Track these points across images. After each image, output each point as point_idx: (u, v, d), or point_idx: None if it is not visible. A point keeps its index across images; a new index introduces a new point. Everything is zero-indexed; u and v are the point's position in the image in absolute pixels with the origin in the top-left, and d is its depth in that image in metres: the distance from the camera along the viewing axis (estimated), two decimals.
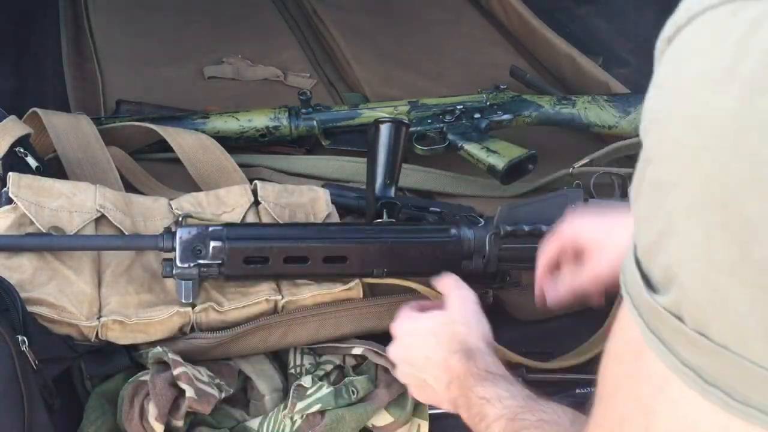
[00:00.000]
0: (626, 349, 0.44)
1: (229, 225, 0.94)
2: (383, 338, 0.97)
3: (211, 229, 0.91)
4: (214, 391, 0.86)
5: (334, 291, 0.97)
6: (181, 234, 0.90)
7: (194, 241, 0.90)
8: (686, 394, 0.39)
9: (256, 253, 0.91)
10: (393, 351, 0.86)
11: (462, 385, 0.79)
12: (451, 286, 0.88)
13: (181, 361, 0.86)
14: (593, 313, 1.11)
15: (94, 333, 0.88)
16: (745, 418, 0.37)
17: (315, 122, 1.33)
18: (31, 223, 0.92)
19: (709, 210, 0.36)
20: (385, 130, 1.00)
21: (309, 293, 0.96)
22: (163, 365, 0.87)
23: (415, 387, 0.85)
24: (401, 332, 0.86)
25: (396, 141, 1.01)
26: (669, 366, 0.39)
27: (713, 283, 0.36)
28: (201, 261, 0.90)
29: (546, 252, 0.91)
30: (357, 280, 0.98)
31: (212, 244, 0.89)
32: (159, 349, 0.87)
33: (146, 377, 0.85)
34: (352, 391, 0.90)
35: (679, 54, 0.38)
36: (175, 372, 0.84)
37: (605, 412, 0.48)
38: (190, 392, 0.83)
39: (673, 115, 0.38)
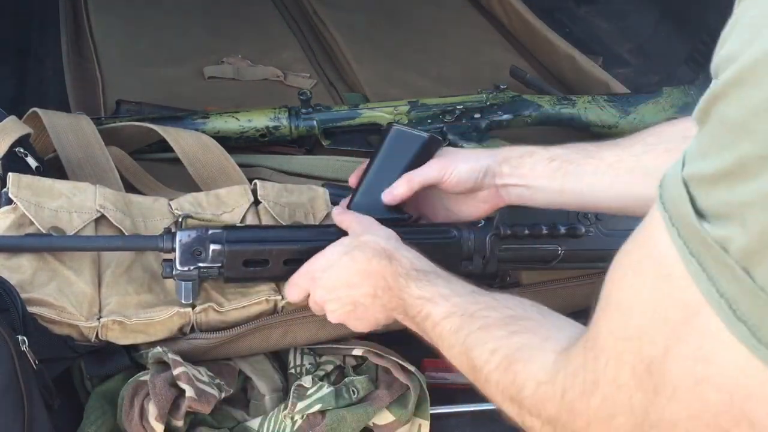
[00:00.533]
0: (650, 262, 0.45)
1: (228, 227, 0.94)
2: (384, 338, 0.97)
3: (210, 232, 0.90)
4: (214, 391, 0.86)
5: None
6: (181, 237, 0.90)
7: (194, 244, 0.90)
8: (714, 326, 0.40)
9: (256, 255, 0.91)
10: (316, 296, 0.86)
11: (390, 287, 0.78)
12: (348, 218, 0.89)
13: (181, 361, 0.86)
14: (593, 313, 1.11)
15: (94, 333, 0.88)
16: (763, 359, 0.39)
17: (315, 122, 1.33)
18: (31, 223, 0.92)
19: None
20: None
21: None
22: (163, 365, 0.87)
23: (349, 317, 0.85)
24: (315, 275, 0.85)
25: (426, 154, 0.99)
26: (704, 293, 0.40)
27: None
28: (201, 264, 0.90)
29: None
30: None
31: (212, 247, 0.89)
32: (159, 349, 0.87)
33: (146, 377, 0.85)
34: (353, 391, 0.90)
35: None
36: (175, 372, 0.84)
37: (622, 321, 0.48)
38: (190, 392, 0.83)
39: (756, 57, 0.38)
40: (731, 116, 0.39)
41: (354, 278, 0.82)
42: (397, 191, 0.94)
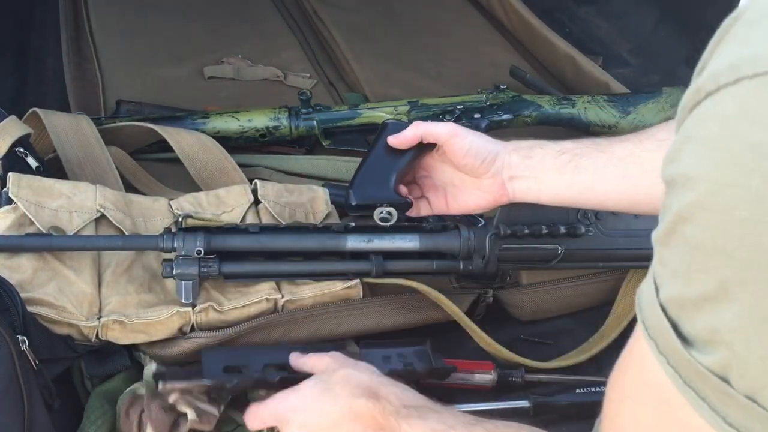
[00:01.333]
0: (648, 392, 0.43)
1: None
2: (383, 338, 0.97)
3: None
4: (214, 410, 0.84)
5: (334, 290, 0.97)
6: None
7: None
8: None
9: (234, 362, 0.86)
10: None
11: (383, 427, 0.74)
12: (311, 359, 0.81)
13: (174, 385, 0.82)
14: (593, 313, 1.11)
15: (95, 333, 0.88)
16: None
17: (315, 122, 1.33)
18: (31, 223, 0.92)
19: None
20: None
21: (309, 292, 0.96)
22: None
23: None
24: (287, 415, 0.77)
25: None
26: (711, 423, 0.38)
27: None
28: None
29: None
30: (357, 280, 0.98)
31: None
32: (153, 367, 0.86)
33: (142, 391, 0.84)
34: None
35: (725, 115, 0.36)
36: (171, 400, 0.82)
37: None
38: (191, 415, 0.81)
39: (722, 182, 0.36)
40: (705, 241, 0.37)
41: (340, 420, 0.75)
42: (404, 134, 0.92)
